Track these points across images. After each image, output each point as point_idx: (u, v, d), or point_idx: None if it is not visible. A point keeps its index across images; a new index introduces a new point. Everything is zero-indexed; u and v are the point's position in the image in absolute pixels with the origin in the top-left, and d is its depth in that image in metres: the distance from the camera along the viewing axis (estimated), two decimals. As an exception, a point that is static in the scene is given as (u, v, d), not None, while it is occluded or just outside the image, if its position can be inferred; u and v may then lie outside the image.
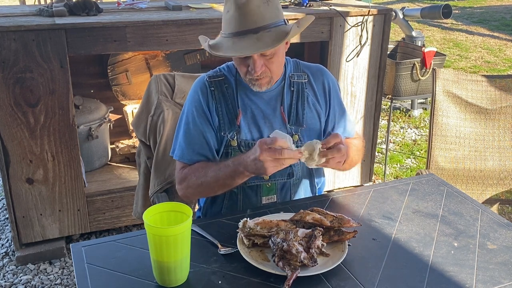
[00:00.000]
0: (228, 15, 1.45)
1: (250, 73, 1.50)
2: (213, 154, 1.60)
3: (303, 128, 1.63)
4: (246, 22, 1.41)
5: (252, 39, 1.41)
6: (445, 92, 2.43)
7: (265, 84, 1.55)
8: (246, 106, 1.61)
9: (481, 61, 6.81)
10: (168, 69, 3.36)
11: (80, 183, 2.66)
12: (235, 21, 1.43)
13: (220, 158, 1.62)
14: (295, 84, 1.64)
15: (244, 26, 1.42)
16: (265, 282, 1.20)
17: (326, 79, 1.68)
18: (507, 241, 1.40)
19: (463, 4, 11.14)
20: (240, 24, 1.42)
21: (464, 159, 2.45)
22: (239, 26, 1.42)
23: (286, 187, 1.66)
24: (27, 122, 2.45)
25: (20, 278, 2.58)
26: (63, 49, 2.41)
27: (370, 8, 2.95)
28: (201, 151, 1.59)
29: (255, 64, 1.47)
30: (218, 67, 1.68)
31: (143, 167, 2.03)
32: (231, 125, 1.59)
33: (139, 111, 2.01)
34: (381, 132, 4.37)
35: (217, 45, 1.48)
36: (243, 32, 1.42)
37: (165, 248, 1.14)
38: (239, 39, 1.42)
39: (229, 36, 1.45)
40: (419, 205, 1.58)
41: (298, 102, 1.64)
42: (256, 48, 1.41)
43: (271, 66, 1.51)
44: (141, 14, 2.71)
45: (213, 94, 1.60)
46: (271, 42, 1.42)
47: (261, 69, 1.49)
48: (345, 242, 1.31)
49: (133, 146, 3.27)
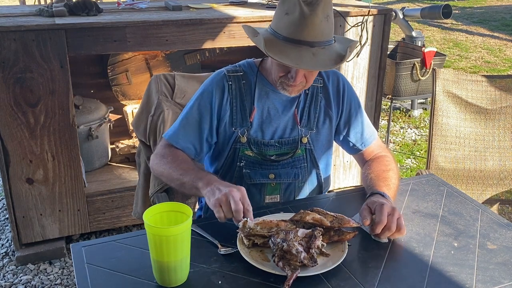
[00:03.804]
0: (287, 18, 1.41)
1: (287, 78, 1.49)
2: (201, 146, 1.60)
3: (313, 131, 1.64)
4: (306, 33, 1.39)
5: (308, 52, 1.39)
6: (445, 92, 2.43)
7: (297, 91, 1.55)
8: (263, 104, 1.61)
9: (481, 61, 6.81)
10: (168, 69, 3.36)
11: (80, 183, 2.66)
12: (295, 28, 1.39)
13: (228, 153, 1.62)
14: (310, 88, 1.64)
15: (302, 36, 1.39)
16: (265, 282, 1.20)
17: (341, 83, 1.68)
18: (507, 241, 1.40)
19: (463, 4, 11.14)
20: (299, 34, 1.39)
21: (464, 159, 2.45)
22: (298, 35, 1.39)
23: (290, 188, 1.67)
24: (27, 122, 2.45)
25: (20, 278, 2.58)
26: (63, 49, 2.41)
27: (370, 8, 2.95)
28: (190, 138, 1.59)
29: (297, 75, 1.47)
30: (237, 63, 1.67)
31: (143, 167, 2.03)
32: (243, 121, 1.60)
33: (139, 111, 2.01)
34: (381, 132, 4.37)
35: (272, 46, 1.42)
36: (299, 41, 1.39)
37: (165, 248, 1.14)
38: (294, 47, 1.40)
39: (283, 39, 1.42)
40: (419, 205, 1.58)
41: (311, 106, 1.64)
42: (313, 65, 1.40)
43: (309, 78, 1.52)
44: (141, 14, 2.71)
45: (230, 88, 1.60)
46: (328, 62, 1.41)
47: (300, 79, 1.49)
48: (345, 242, 1.31)
49: (133, 146, 3.27)
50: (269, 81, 1.61)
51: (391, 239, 1.38)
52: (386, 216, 1.35)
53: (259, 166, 1.62)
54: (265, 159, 1.61)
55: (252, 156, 1.61)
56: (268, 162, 1.62)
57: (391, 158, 1.69)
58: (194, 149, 1.60)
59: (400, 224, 1.36)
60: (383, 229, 1.34)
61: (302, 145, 1.63)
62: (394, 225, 1.34)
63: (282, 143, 1.62)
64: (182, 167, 1.51)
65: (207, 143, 1.62)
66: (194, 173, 1.46)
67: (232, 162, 1.63)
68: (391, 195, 1.49)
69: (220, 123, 1.61)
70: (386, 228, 1.34)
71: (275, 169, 1.63)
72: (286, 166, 1.63)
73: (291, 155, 1.62)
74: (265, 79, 1.62)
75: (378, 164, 1.64)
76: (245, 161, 1.61)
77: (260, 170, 1.62)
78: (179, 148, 1.60)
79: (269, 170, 1.62)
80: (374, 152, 1.72)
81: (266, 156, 1.61)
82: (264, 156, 1.61)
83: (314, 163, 1.67)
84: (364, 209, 1.41)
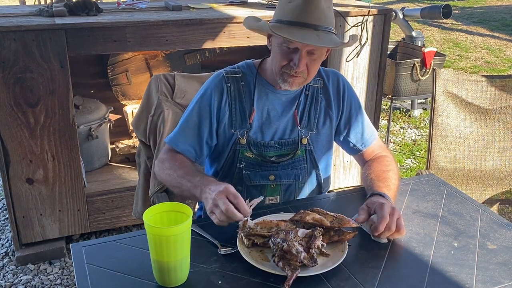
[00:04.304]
0: (291, 4, 1.45)
1: (290, 68, 1.50)
2: (201, 148, 1.60)
3: (313, 132, 1.64)
4: (311, 16, 1.42)
5: (312, 34, 1.43)
6: (445, 92, 2.43)
7: (297, 84, 1.54)
8: (263, 105, 1.61)
9: (481, 61, 6.81)
10: (168, 69, 3.36)
11: (80, 183, 2.66)
12: (300, 11, 1.43)
13: (228, 155, 1.62)
14: (310, 88, 1.64)
15: (307, 19, 1.43)
16: (265, 282, 1.20)
17: (341, 83, 1.68)
18: (507, 241, 1.40)
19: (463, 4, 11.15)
20: (304, 17, 1.43)
21: (464, 159, 2.45)
22: (302, 17, 1.43)
23: (290, 189, 1.66)
24: (27, 122, 2.45)
25: (20, 278, 2.58)
26: (63, 49, 2.41)
27: (370, 8, 2.95)
28: (190, 141, 1.59)
29: (300, 60, 1.47)
30: (235, 64, 1.67)
31: (143, 167, 2.03)
32: (243, 123, 1.59)
33: (139, 111, 2.01)
34: (381, 132, 4.37)
35: (276, 29, 1.46)
36: (303, 24, 1.43)
37: (165, 248, 1.14)
38: (298, 29, 1.43)
39: (287, 24, 1.45)
40: (419, 205, 1.58)
41: (311, 107, 1.64)
42: (318, 42, 1.42)
43: (311, 68, 1.51)
44: (141, 14, 2.71)
45: (228, 90, 1.60)
46: (332, 42, 1.45)
47: (303, 67, 1.49)
48: (345, 242, 1.31)
49: (133, 146, 3.27)
50: (269, 82, 1.61)
51: (390, 239, 1.38)
52: (388, 214, 1.35)
53: (259, 167, 1.62)
54: (265, 160, 1.61)
55: (252, 158, 1.61)
56: (268, 164, 1.62)
57: (391, 158, 1.69)
58: (195, 152, 1.60)
59: (399, 224, 1.36)
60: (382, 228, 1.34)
61: (302, 146, 1.63)
62: (394, 225, 1.34)
63: (282, 144, 1.62)
64: (179, 173, 1.51)
65: (207, 145, 1.62)
66: (190, 181, 1.46)
67: (232, 164, 1.63)
68: (391, 196, 1.49)
69: (219, 125, 1.61)
70: (386, 228, 1.34)
71: (275, 171, 1.63)
72: (286, 167, 1.63)
73: (291, 156, 1.62)
74: (264, 80, 1.62)
75: (378, 164, 1.64)
76: (245, 162, 1.61)
77: (260, 172, 1.62)
78: (179, 151, 1.60)
79: (269, 172, 1.62)
80: (375, 152, 1.71)
81: (266, 157, 1.61)
82: (264, 157, 1.61)
83: (314, 164, 1.67)
84: (361, 208, 1.41)
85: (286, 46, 1.48)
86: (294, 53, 1.48)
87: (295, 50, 1.47)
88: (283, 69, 1.51)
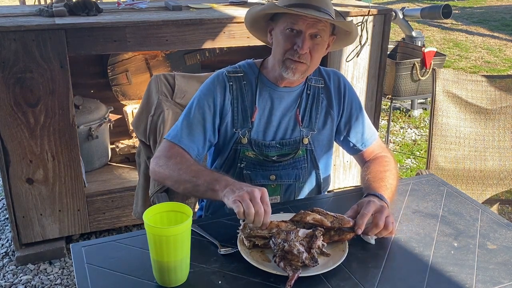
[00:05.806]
0: None
1: (293, 52, 1.50)
2: (203, 145, 1.58)
3: (314, 132, 1.64)
4: None
5: (315, 12, 1.47)
6: (445, 92, 2.43)
7: (299, 71, 1.53)
8: (265, 104, 1.61)
9: (481, 61, 6.81)
10: (168, 69, 3.36)
11: (80, 183, 2.66)
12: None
13: (228, 154, 1.62)
14: (311, 88, 1.65)
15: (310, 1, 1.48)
16: (265, 282, 1.20)
17: (342, 83, 1.68)
18: (507, 241, 1.40)
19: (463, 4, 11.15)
20: None
21: (464, 159, 2.45)
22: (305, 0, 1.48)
23: (290, 189, 1.66)
24: (27, 122, 2.45)
25: (20, 278, 2.58)
26: (63, 49, 2.41)
27: (370, 8, 2.95)
28: (194, 137, 1.56)
29: (304, 41, 1.48)
30: (236, 64, 1.67)
31: (143, 167, 2.03)
32: (245, 122, 1.59)
33: (139, 111, 2.01)
34: (381, 132, 4.37)
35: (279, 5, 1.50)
36: (307, 5, 1.47)
37: (165, 248, 1.14)
38: (301, 9, 1.46)
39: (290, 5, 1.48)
40: (419, 205, 1.58)
41: (312, 107, 1.64)
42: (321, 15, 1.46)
43: (313, 53, 1.52)
44: (141, 14, 2.71)
45: (231, 89, 1.60)
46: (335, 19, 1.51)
47: (306, 50, 1.49)
48: (346, 242, 1.31)
49: (133, 146, 3.27)
50: (271, 81, 1.61)
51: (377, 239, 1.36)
52: (371, 211, 1.34)
53: (260, 167, 1.62)
54: (266, 160, 1.61)
55: (253, 157, 1.61)
56: (269, 163, 1.62)
57: (390, 158, 1.69)
58: (197, 149, 1.58)
59: (387, 222, 1.34)
60: (371, 226, 1.34)
61: (303, 146, 1.63)
62: (382, 222, 1.33)
63: (284, 144, 1.62)
64: (193, 168, 1.46)
65: (209, 142, 1.61)
66: (209, 175, 1.41)
67: (233, 163, 1.63)
68: (388, 196, 1.47)
69: (222, 122, 1.60)
70: (373, 225, 1.33)
71: (276, 170, 1.62)
72: (287, 167, 1.63)
73: (292, 156, 1.62)
74: (266, 79, 1.62)
75: (376, 164, 1.64)
76: (246, 162, 1.61)
77: (261, 171, 1.62)
78: (183, 148, 1.55)
79: (270, 171, 1.62)
80: (374, 152, 1.71)
81: (267, 157, 1.61)
82: (266, 157, 1.61)
83: (314, 164, 1.67)
84: (352, 207, 1.40)
85: (289, 29, 1.50)
86: (297, 37, 1.49)
87: (299, 34, 1.49)
88: (287, 54, 1.51)
